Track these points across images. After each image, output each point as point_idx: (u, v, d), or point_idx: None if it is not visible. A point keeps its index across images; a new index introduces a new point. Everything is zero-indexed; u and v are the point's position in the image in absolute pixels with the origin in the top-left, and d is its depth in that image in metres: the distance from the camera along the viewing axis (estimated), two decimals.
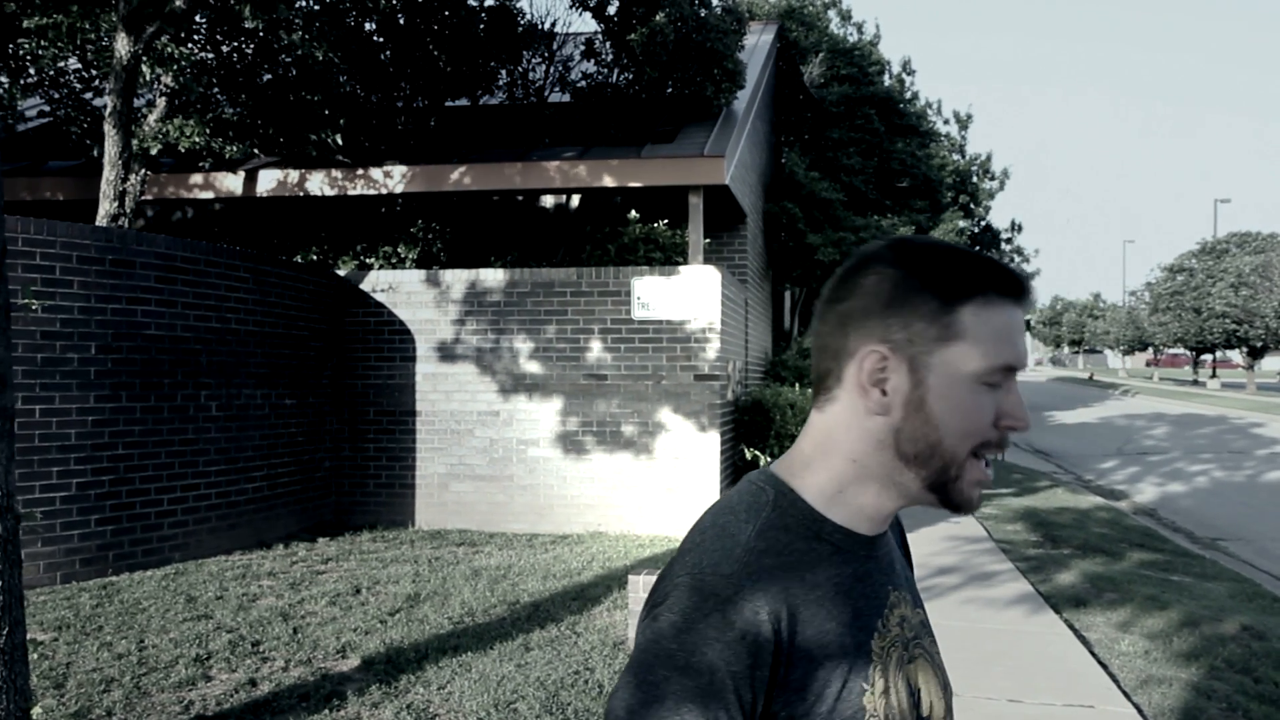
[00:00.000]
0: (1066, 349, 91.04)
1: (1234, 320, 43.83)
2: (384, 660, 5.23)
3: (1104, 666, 6.20)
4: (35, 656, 5.03)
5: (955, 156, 33.50)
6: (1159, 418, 32.37)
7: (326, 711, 4.57)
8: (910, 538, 10.24)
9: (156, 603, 6.01)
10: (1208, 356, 47.55)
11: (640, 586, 5.96)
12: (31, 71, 9.56)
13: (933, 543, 10.10)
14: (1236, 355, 51.54)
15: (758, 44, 12.97)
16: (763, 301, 13.02)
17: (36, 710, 3.59)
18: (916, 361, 1.10)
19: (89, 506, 6.57)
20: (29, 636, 5.35)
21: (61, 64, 9.41)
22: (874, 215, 14.68)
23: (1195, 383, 54.14)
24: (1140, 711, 5.45)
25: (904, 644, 1.17)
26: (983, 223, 35.15)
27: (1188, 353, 49.99)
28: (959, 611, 7.37)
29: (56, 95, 9.66)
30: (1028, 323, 41.07)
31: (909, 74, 33.59)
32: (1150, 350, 61.28)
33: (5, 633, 3.55)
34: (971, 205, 33.80)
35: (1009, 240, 35.69)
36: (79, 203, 9.48)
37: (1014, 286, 1.12)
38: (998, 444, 1.12)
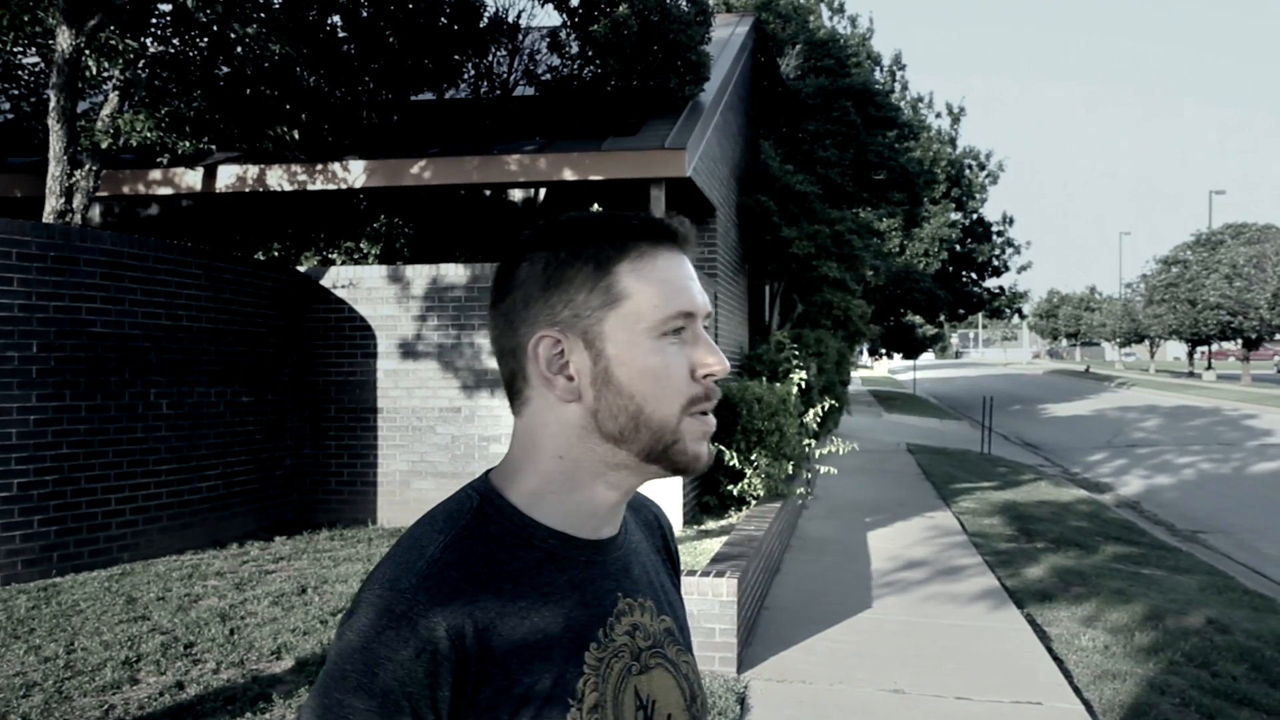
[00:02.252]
0: (1064, 342, 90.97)
1: (1229, 312, 43.72)
2: (318, 662, 5.14)
3: (1059, 662, 6.12)
4: None
5: (947, 149, 33.34)
6: (1152, 410, 32.31)
7: (251, 715, 4.49)
8: (884, 532, 10.18)
9: (95, 604, 5.93)
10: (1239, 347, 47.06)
11: None
12: None
13: (905, 536, 10.02)
14: (1236, 346, 51.37)
15: (731, 36, 12.87)
16: (737, 296, 12.92)
17: None
18: (590, 334, 1.05)
19: (31, 507, 6.48)
20: None
21: (20, 58, 9.31)
22: (850, 208, 14.56)
23: (1191, 374, 54.06)
24: (1089, 708, 5.37)
25: (633, 654, 1.10)
26: (975, 214, 35.00)
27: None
28: (919, 607, 7.29)
29: (16, 91, 9.58)
30: (1020, 312, 40.90)
31: (900, 68, 33.50)
32: (1147, 342, 61.15)
33: None
34: (964, 198, 33.67)
35: (1000, 233, 35.55)
36: (38, 199, 9.38)
37: (664, 232, 1.08)
38: (705, 396, 1.07)
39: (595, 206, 9.27)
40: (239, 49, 8.36)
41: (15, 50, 9.20)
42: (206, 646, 5.30)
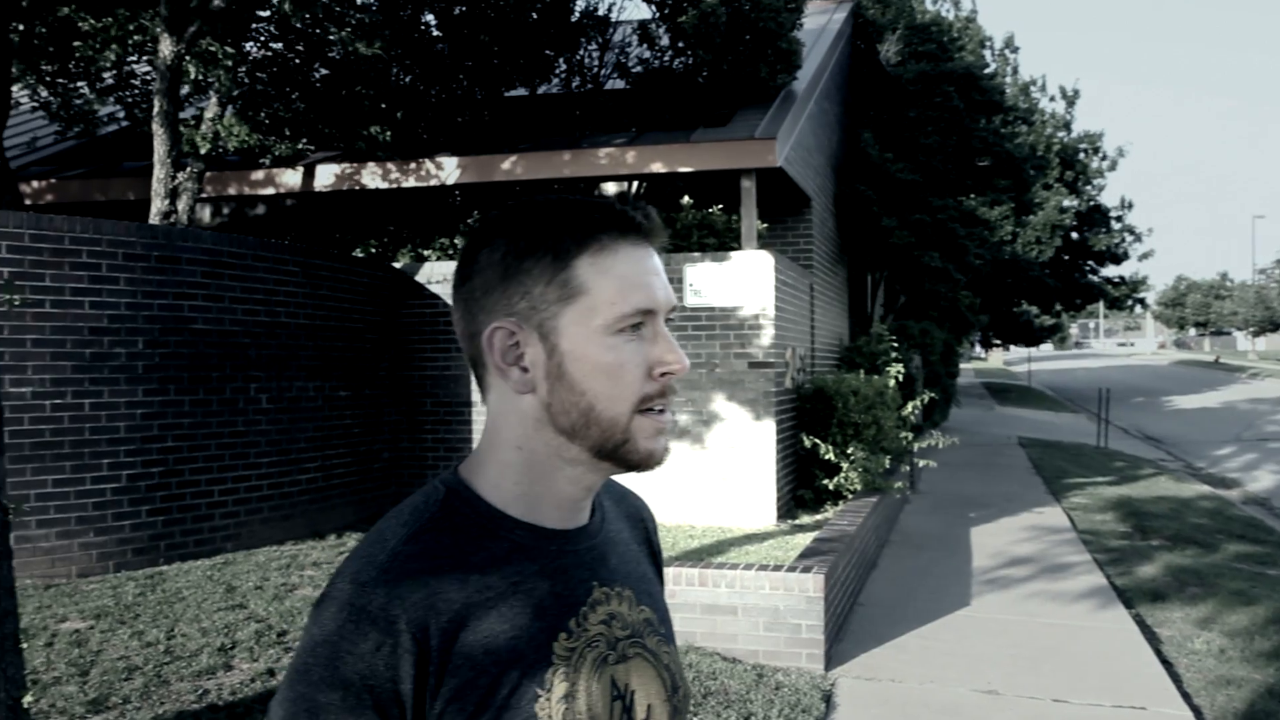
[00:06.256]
0: (1192, 331, 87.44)
1: None
2: None
3: (1168, 665, 5.85)
4: (69, 644, 5.16)
5: (1061, 134, 32.26)
6: None
7: None
8: (988, 528, 9.89)
9: (197, 592, 6.12)
10: None
11: (671, 579, 5.83)
12: (107, 78, 9.89)
13: (1010, 532, 9.73)
14: None
15: (828, 24, 12.65)
16: (835, 287, 12.70)
17: (28, 698, 3.64)
18: (545, 328, 1.04)
19: (139, 498, 6.73)
20: (70, 625, 5.50)
21: (133, 66, 9.70)
22: (954, 196, 14.18)
23: None
24: (1198, 715, 5.10)
25: (610, 643, 1.09)
26: (1091, 201, 33.76)
27: None
28: (1020, 605, 7.05)
29: (129, 98, 9.97)
30: (1142, 302, 39.31)
31: (1013, 50, 32.54)
32: None
33: None
34: (1079, 183, 32.53)
35: (1119, 219, 34.22)
36: (148, 201, 9.75)
37: (628, 225, 1.06)
38: (660, 394, 1.07)
39: (686, 199, 9.22)
40: (335, 51, 8.55)
41: (129, 59, 9.59)
42: (298, 635, 5.41)
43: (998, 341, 43.30)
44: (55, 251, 6.39)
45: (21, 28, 8.28)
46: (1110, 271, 35.75)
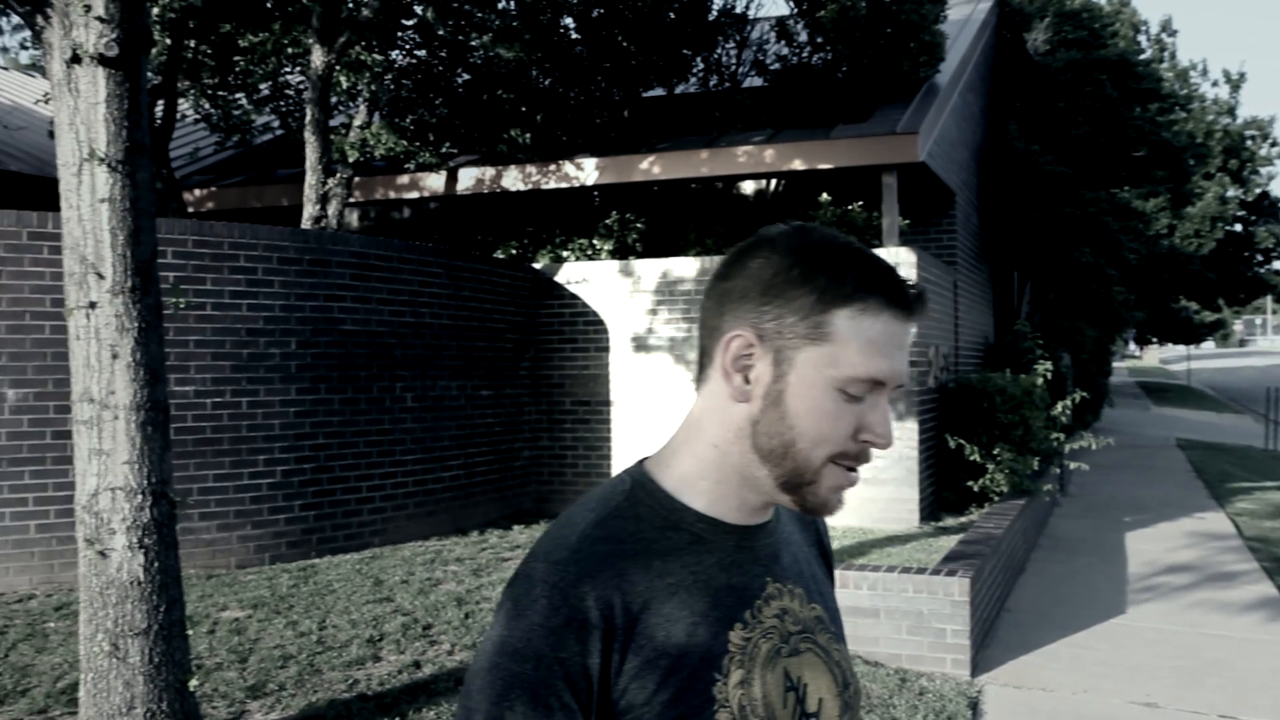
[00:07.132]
0: None
1: None
2: None
3: None
4: (229, 632, 5.39)
5: (1224, 120, 30.61)
6: None
7: None
8: (1145, 533, 9.45)
9: (347, 585, 6.33)
10: None
11: None
12: (263, 89, 10.35)
13: (1168, 538, 9.27)
14: None
15: (973, 14, 12.30)
16: (980, 284, 12.33)
17: (193, 682, 3.82)
18: (782, 355, 1.08)
19: (293, 493, 7.00)
20: (229, 614, 5.75)
21: (286, 77, 10.11)
22: (1106, 188, 13.58)
23: None
24: None
25: (783, 637, 1.15)
26: (1260, 190, 31.93)
27: None
28: (1180, 614, 6.71)
29: (284, 108, 10.40)
30: None
31: (1170, 35, 31.08)
32: None
33: (164, 610, 3.79)
34: (1244, 172, 30.80)
35: None
36: (301, 207, 10.15)
37: (900, 299, 1.09)
38: (856, 456, 1.11)
39: (825, 196, 9.08)
40: (476, 56, 8.73)
41: (284, 70, 10.01)
42: (443, 629, 5.54)
43: (1154, 339, 41.44)
44: (215, 256, 6.70)
45: (192, 44, 8.74)
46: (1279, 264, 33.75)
